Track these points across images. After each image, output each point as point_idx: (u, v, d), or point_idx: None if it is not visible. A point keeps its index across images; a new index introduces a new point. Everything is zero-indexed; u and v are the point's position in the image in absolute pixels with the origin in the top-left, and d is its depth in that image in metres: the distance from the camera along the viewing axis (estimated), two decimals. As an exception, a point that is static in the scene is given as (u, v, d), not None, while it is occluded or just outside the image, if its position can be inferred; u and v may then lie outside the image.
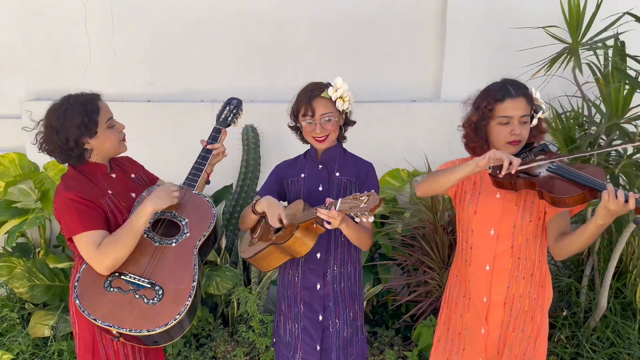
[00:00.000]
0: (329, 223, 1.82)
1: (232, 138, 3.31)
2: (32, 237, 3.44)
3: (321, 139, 2.04)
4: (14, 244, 3.35)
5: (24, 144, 3.45)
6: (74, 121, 1.91)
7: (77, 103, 1.94)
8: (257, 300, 2.86)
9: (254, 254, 2.05)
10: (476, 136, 1.97)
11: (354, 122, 2.15)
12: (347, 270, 2.11)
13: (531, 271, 1.95)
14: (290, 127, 2.14)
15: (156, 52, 3.50)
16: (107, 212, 1.97)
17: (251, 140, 3.25)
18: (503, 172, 1.75)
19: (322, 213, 1.80)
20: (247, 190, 3.25)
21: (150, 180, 2.26)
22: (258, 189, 3.35)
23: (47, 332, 2.88)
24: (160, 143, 3.48)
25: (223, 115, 2.27)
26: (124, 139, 2.08)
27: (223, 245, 3.12)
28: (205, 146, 2.19)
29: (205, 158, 2.17)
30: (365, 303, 3.04)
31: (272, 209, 1.97)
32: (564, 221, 1.90)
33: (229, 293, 2.99)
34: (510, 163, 1.75)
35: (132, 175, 2.18)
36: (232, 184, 3.43)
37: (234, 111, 2.28)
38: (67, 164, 2.04)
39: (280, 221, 1.94)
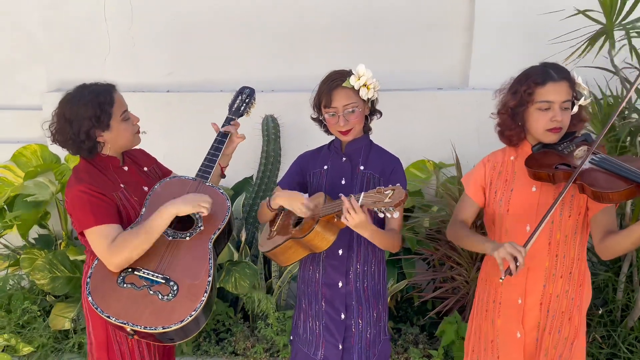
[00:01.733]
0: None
1: (252, 128, 3.24)
2: (54, 228, 3.44)
3: (345, 131, 1.93)
4: (35, 237, 3.38)
5: (45, 135, 3.44)
6: (86, 113, 1.85)
7: (91, 94, 1.88)
8: (273, 299, 2.78)
9: (272, 248, 1.97)
10: (513, 123, 1.83)
11: (381, 113, 2.04)
12: (371, 269, 2.01)
13: (569, 269, 1.83)
14: (312, 118, 2.04)
15: (175, 41, 3.44)
16: (119, 206, 1.92)
17: (271, 130, 3.17)
18: (514, 273, 1.64)
19: (344, 203, 1.70)
20: (267, 182, 3.18)
21: (163, 174, 2.19)
22: (279, 180, 3.28)
23: (67, 325, 2.87)
24: (179, 134, 3.43)
25: (235, 105, 2.19)
26: (138, 132, 2.01)
27: (243, 239, 3.06)
28: (220, 131, 2.10)
29: (218, 149, 2.08)
30: (389, 298, 2.94)
31: (294, 201, 1.87)
32: (610, 218, 1.76)
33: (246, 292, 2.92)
34: (516, 260, 1.63)
35: (145, 169, 2.12)
36: (252, 176, 3.37)
37: (247, 100, 2.20)
38: (79, 156, 1.99)
39: (308, 209, 1.84)
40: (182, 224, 1.99)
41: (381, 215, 1.65)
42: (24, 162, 3.40)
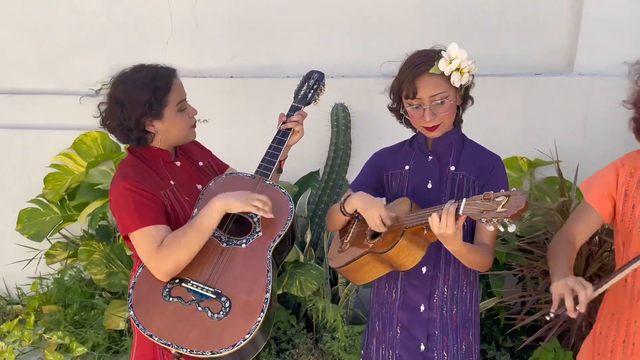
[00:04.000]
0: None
1: (320, 118, 2.95)
2: (113, 220, 3.31)
3: (432, 127, 1.58)
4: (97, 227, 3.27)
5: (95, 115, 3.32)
6: (140, 97, 1.63)
7: (148, 77, 1.66)
8: (341, 311, 2.48)
9: (345, 264, 1.66)
10: None
11: (472, 99, 1.68)
12: (462, 292, 1.67)
13: None
14: (391, 109, 1.70)
15: (240, 21, 3.18)
16: (167, 206, 1.69)
17: (341, 120, 2.86)
18: (570, 313, 1.31)
19: (442, 212, 1.38)
20: (335, 177, 2.87)
21: (219, 169, 1.96)
22: (348, 176, 2.98)
23: (122, 325, 2.71)
24: (242, 123, 3.19)
25: (302, 92, 1.92)
26: (194, 125, 1.78)
27: (307, 240, 2.79)
28: (283, 122, 1.84)
29: (281, 142, 1.83)
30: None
31: (370, 208, 1.56)
32: None
33: (313, 294, 2.65)
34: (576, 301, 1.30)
35: (200, 164, 1.88)
36: (318, 170, 3.07)
37: (315, 87, 1.92)
38: (127, 148, 1.79)
39: (384, 223, 1.53)
40: (239, 228, 1.73)
41: (490, 228, 1.30)
42: (85, 150, 3.28)
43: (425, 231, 1.50)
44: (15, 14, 3.39)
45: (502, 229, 1.28)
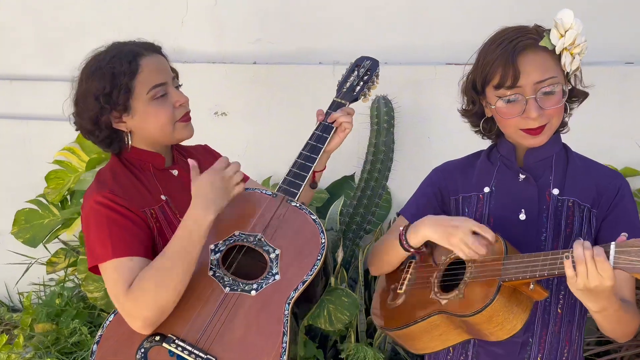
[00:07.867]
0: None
1: (358, 114, 2.47)
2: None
3: (538, 129, 1.14)
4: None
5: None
6: (92, 87, 1.26)
7: (106, 58, 1.28)
8: (379, 355, 2.04)
9: (401, 327, 1.21)
10: None
11: (585, 95, 1.24)
12: None
13: None
14: (464, 112, 1.26)
15: (266, -1, 2.76)
16: (154, 229, 1.29)
17: (383, 117, 2.40)
18: None
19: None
20: (374, 185, 2.40)
21: None
22: (389, 183, 2.52)
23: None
24: (266, 116, 2.77)
25: (348, 83, 1.50)
26: (184, 119, 1.35)
27: (339, 259, 2.35)
28: (321, 123, 1.42)
29: (315, 150, 1.39)
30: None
31: (454, 232, 1.12)
32: None
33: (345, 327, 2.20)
34: None
35: None
36: (353, 175, 2.63)
37: (366, 78, 1.50)
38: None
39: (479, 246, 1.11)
40: (248, 264, 1.29)
41: None
42: (89, 144, 2.91)
43: (532, 286, 1.05)
44: (15, -10, 3.06)
45: None
